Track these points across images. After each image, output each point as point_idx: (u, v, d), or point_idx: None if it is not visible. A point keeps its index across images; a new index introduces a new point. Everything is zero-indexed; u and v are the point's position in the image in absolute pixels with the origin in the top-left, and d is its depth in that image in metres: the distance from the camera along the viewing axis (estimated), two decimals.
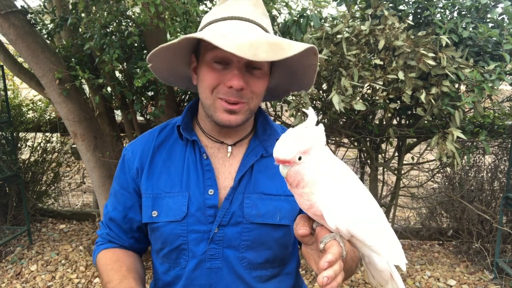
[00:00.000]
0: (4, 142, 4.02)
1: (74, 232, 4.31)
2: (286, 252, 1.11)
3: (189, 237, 1.04)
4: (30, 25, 2.84)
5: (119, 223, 1.15)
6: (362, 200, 0.77)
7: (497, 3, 2.74)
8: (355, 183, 0.77)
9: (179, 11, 2.31)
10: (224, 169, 1.09)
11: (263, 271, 1.07)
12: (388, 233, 0.78)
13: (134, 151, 1.14)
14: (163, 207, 1.06)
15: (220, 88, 0.99)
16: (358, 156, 3.70)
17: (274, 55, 0.88)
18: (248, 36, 0.91)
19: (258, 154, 1.09)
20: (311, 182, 0.73)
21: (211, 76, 0.99)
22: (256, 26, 1.01)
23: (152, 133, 1.16)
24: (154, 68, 1.09)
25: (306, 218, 0.81)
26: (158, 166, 1.10)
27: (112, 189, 1.18)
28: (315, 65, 1.02)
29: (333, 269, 0.70)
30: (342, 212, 0.74)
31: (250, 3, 1.03)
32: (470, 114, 3.05)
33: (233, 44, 0.86)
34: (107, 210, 1.18)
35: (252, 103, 1.03)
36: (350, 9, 2.65)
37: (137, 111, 3.16)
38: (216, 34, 0.91)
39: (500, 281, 3.24)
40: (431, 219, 4.03)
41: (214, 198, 1.04)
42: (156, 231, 1.08)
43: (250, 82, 0.99)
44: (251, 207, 1.04)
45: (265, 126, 1.14)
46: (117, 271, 1.07)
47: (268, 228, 1.05)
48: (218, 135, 1.10)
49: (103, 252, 1.15)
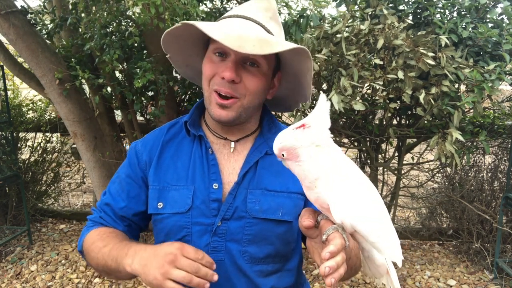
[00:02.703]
0: (4, 142, 4.02)
1: (74, 232, 4.31)
2: (288, 248, 1.12)
3: (193, 229, 1.06)
4: (30, 25, 2.84)
5: (116, 210, 1.15)
6: (368, 196, 0.78)
7: (497, 3, 2.74)
8: (361, 179, 0.78)
9: (179, 12, 2.31)
10: (229, 164, 1.11)
11: (264, 265, 1.09)
12: (389, 230, 0.80)
13: (144, 144, 1.17)
14: (168, 199, 1.08)
15: (215, 79, 1.02)
16: (358, 156, 3.70)
17: (261, 50, 0.90)
18: (241, 30, 0.94)
19: (263, 151, 1.11)
20: (314, 177, 0.76)
21: (209, 66, 1.03)
22: (258, 27, 1.02)
23: (162, 129, 1.19)
24: (173, 60, 1.14)
25: (311, 211, 0.83)
26: (166, 160, 1.13)
27: (117, 178, 1.18)
28: (311, 70, 1.04)
29: (335, 260, 0.71)
30: (349, 207, 0.75)
31: (261, 6, 1.06)
32: (470, 114, 3.05)
33: (221, 33, 0.90)
34: (108, 195, 1.17)
35: (245, 100, 1.04)
36: (350, 9, 2.65)
37: (137, 111, 3.16)
38: (210, 25, 0.94)
39: (500, 281, 3.24)
40: (431, 219, 4.03)
41: (218, 192, 1.06)
42: (160, 223, 1.10)
43: (244, 76, 1.01)
44: (254, 202, 1.06)
45: (270, 125, 1.17)
46: (113, 237, 1.06)
47: (270, 224, 1.06)
48: (221, 131, 1.13)
49: (94, 230, 1.12)
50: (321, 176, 0.75)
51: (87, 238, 1.11)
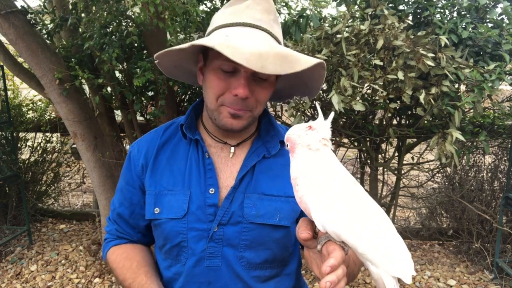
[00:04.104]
0: (4, 142, 4.02)
1: (74, 232, 4.31)
2: (285, 253, 1.11)
3: (189, 234, 1.05)
4: (30, 25, 2.84)
5: (126, 218, 1.18)
6: (358, 204, 0.74)
7: (497, 3, 2.74)
8: (356, 190, 0.75)
9: (179, 11, 2.31)
10: (226, 168, 1.10)
11: (262, 271, 1.07)
12: (390, 242, 0.73)
13: (140, 148, 1.16)
14: (164, 204, 1.07)
15: (226, 96, 1.00)
16: (358, 156, 3.70)
17: (282, 69, 0.89)
18: (257, 46, 0.90)
19: (260, 155, 1.10)
20: (294, 175, 0.78)
21: (218, 83, 1.00)
22: (267, 35, 1.00)
23: (157, 131, 1.18)
24: (160, 63, 1.10)
25: (308, 221, 0.80)
26: (161, 163, 1.12)
27: (119, 185, 1.21)
28: (323, 77, 1.03)
29: (336, 274, 0.69)
30: (330, 213, 0.71)
31: (263, 9, 1.02)
32: (470, 114, 3.05)
33: (242, 55, 0.86)
34: (114, 206, 1.21)
35: (256, 111, 1.04)
36: (350, 9, 2.65)
37: (137, 111, 3.16)
38: (226, 43, 0.90)
39: (500, 281, 3.24)
40: (431, 219, 4.03)
41: (214, 197, 1.05)
42: (158, 228, 1.10)
43: (256, 90, 1.00)
44: (250, 207, 1.04)
45: (268, 127, 1.15)
46: (128, 268, 1.11)
47: (268, 229, 1.05)
48: (221, 136, 1.12)
49: (113, 249, 1.20)
50: (301, 176, 0.76)
51: (109, 256, 1.20)
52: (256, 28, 0.99)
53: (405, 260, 0.72)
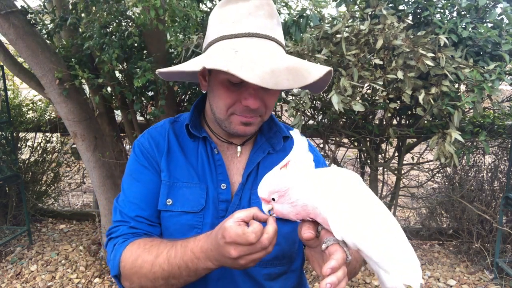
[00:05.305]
0: (4, 142, 4.02)
1: (74, 232, 4.31)
2: (293, 248, 1.12)
3: (204, 229, 1.04)
4: (30, 25, 2.84)
5: (146, 216, 1.07)
6: (373, 213, 0.75)
7: (496, 3, 2.74)
8: (365, 195, 0.77)
9: (179, 14, 2.31)
10: (233, 165, 1.12)
11: (272, 268, 1.08)
12: (400, 249, 0.75)
13: (150, 141, 1.13)
14: (178, 196, 1.06)
15: (237, 106, 1.01)
16: (358, 156, 3.70)
17: (295, 84, 0.91)
18: (268, 63, 0.91)
19: (265, 151, 1.12)
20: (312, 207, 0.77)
21: (228, 95, 1.00)
22: (273, 44, 1.00)
23: (163, 126, 1.17)
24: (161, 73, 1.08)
25: (310, 221, 0.82)
26: (175, 154, 1.11)
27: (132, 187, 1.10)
28: (329, 80, 1.05)
29: (336, 275, 0.70)
30: (349, 225, 0.73)
31: (266, 14, 1.01)
32: (470, 114, 3.05)
33: (257, 76, 0.87)
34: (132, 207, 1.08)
35: (266, 116, 1.07)
36: (349, 9, 2.65)
37: (137, 111, 3.16)
38: (239, 63, 0.90)
39: (500, 281, 3.24)
40: (431, 219, 4.03)
41: (227, 193, 1.07)
42: (169, 220, 1.07)
43: (264, 98, 1.02)
44: (258, 203, 1.05)
45: (270, 123, 1.17)
46: (159, 243, 0.97)
47: (276, 223, 1.06)
48: (226, 137, 1.13)
49: (131, 245, 1.01)
50: (318, 203, 0.76)
51: (125, 258, 1.00)
52: (262, 38, 0.99)
53: (416, 268, 0.76)
